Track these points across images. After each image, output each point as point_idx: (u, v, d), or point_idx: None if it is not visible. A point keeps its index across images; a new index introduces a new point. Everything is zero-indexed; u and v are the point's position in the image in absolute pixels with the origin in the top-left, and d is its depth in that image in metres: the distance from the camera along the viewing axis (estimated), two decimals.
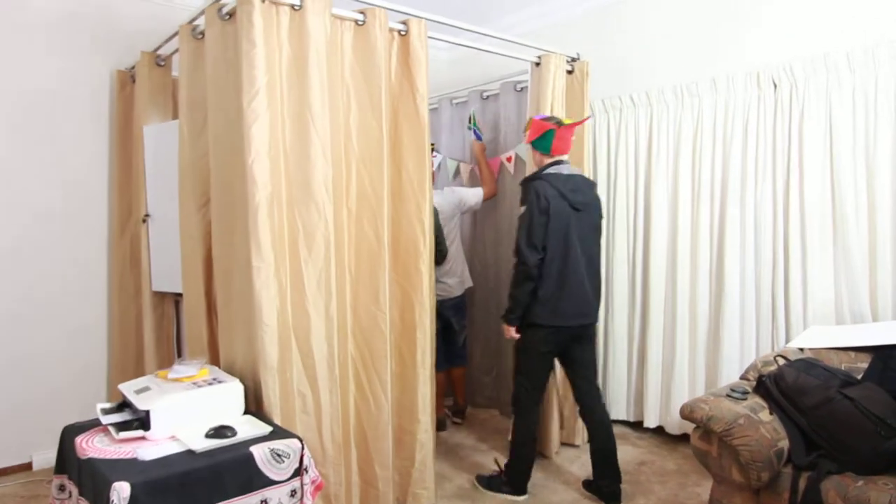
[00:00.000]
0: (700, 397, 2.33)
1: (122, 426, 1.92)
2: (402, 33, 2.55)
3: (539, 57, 3.16)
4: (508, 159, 3.83)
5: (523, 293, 2.53)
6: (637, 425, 3.64)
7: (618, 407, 3.73)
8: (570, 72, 3.32)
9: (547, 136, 2.66)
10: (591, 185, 2.78)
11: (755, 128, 3.04)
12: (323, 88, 2.22)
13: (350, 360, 2.44)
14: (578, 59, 3.34)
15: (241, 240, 2.14)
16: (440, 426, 3.65)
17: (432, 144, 3.13)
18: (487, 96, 4.11)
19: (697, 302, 3.30)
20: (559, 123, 2.67)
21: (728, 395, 2.32)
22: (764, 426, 2.13)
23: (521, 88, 3.81)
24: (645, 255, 3.56)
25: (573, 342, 2.70)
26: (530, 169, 3.31)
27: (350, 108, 2.41)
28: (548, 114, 3.00)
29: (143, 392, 2.00)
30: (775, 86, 2.97)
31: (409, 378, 2.59)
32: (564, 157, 2.71)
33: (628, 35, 3.69)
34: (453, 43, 2.87)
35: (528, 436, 2.75)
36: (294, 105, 2.21)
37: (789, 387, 2.24)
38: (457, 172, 4.24)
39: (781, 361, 2.44)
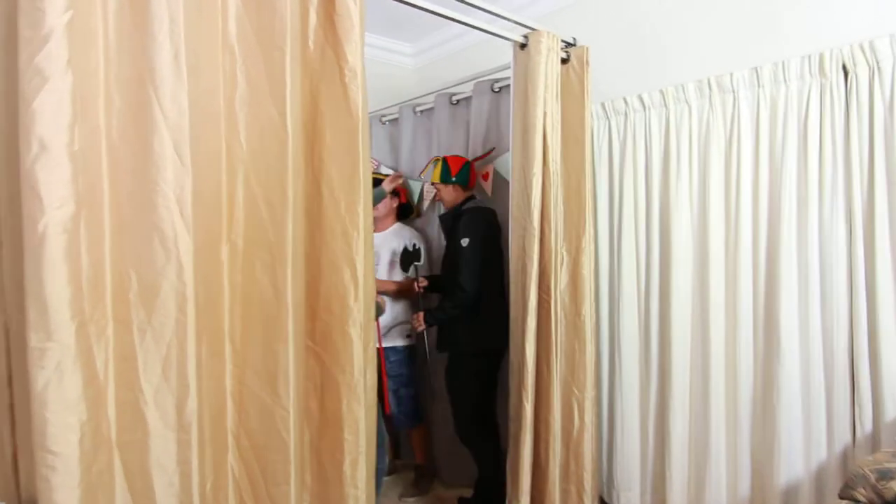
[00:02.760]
0: None
1: None
2: None
3: (525, 36, 2.35)
4: (485, 177, 2.98)
5: None
6: None
7: (630, 494, 2.84)
8: (564, 60, 2.51)
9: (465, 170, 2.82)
10: None
11: (818, 129, 2.24)
12: (178, 42, 1.34)
13: (231, 486, 1.51)
14: (575, 44, 2.54)
15: (20, 300, 1.23)
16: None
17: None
18: (458, 101, 3.28)
19: (739, 362, 2.45)
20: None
21: None
22: None
23: (499, 89, 3.00)
24: (662, 300, 2.70)
25: None
26: (512, 186, 2.50)
27: (235, 82, 1.53)
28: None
29: None
30: (846, 72, 2.18)
31: (333, 502, 1.66)
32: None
33: (632, 22, 2.89)
34: (404, 3, 2.02)
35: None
36: (125, 66, 1.32)
37: None
38: (421, 196, 3.41)
39: None
